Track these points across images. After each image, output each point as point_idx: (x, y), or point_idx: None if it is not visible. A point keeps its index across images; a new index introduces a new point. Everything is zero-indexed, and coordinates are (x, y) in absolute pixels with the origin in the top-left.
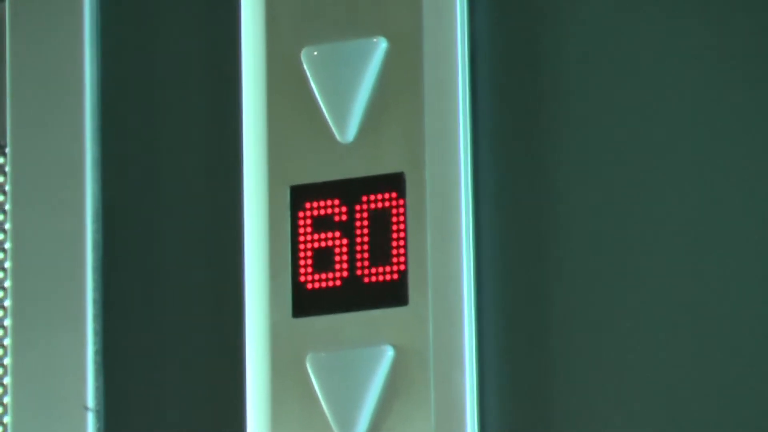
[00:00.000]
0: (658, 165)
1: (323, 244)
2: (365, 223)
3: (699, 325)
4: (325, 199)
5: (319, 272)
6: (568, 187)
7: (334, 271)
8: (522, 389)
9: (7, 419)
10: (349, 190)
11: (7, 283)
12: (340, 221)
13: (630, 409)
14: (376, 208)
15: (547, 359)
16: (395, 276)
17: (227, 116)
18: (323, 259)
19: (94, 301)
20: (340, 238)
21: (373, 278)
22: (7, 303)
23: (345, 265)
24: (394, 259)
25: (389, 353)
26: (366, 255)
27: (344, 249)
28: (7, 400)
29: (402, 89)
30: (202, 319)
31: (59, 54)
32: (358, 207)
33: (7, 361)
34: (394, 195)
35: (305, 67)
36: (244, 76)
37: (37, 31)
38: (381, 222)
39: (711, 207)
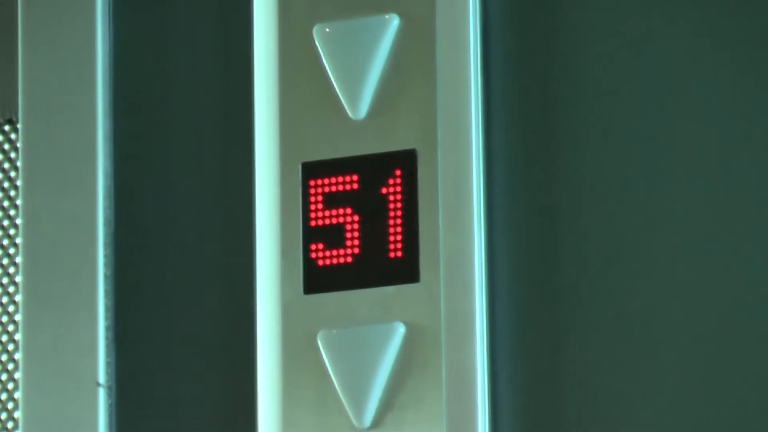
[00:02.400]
0: (676, 139)
1: (335, 220)
2: (377, 200)
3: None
4: (336, 176)
5: (331, 249)
6: (582, 165)
7: (345, 247)
8: (534, 366)
9: (18, 395)
10: (361, 166)
11: (19, 259)
12: (352, 198)
13: (645, 388)
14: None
15: (558, 335)
16: (407, 253)
17: (240, 93)
18: (335, 236)
19: (106, 277)
20: (351, 215)
21: (385, 255)
22: (19, 279)
23: (356, 242)
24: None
25: (401, 330)
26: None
27: (356, 226)
28: (18, 375)
29: (414, 66)
30: (213, 295)
31: (72, 29)
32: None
33: (18, 336)
34: (406, 172)
35: (317, 43)
36: (257, 53)
37: (50, 6)
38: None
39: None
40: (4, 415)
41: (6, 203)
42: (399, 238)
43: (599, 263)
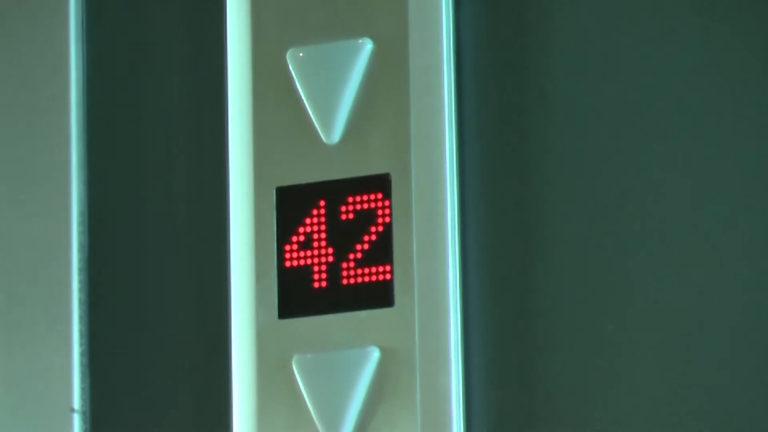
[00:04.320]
0: (646, 163)
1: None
2: (351, 224)
3: (684, 320)
4: (311, 200)
5: (306, 273)
6: (555, 188)
7: (320, 272)
8: (508, 391)
9: None
10: (335, 191)
11: None
12: (327, 222)
13: (617, 412)
14: (362, 210)
15: (533, 361)
16: (381, 277)
17: (213, 118)
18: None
19: (80, 302)
20: (326, 240)
21: (359, 279)
22: None
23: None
24: (380, 261)
25: (375, 354)
26: (352, 256)
27: (330, 250)
28: None
29: (388, 90)
30: (188, 320)
31: (44, 53)
32: (343, 208)
33: None
34: (380, 196)
35: (291, 68)
36: (230, 78)
37: (21, 29)
38: (367, 223)
39: (698, 207)
40: None
41: None
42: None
43: (575, 286)
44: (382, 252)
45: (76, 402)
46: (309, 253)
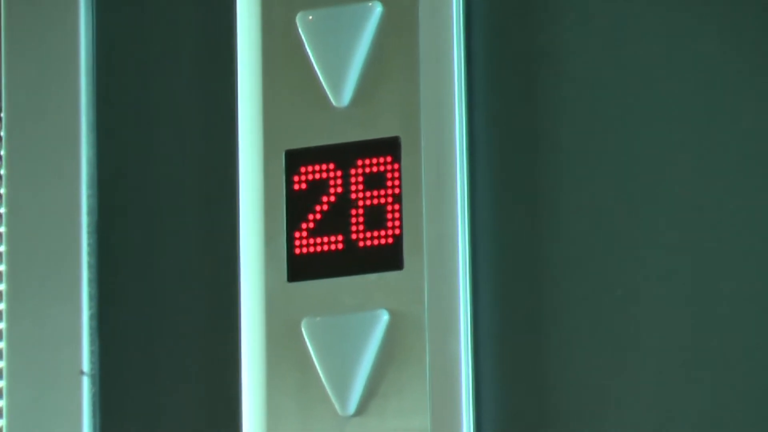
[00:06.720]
0: (660, 132)
1: (318, 208)
2: (360, 187)
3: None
4: (320, 164)
5: (315, 237)
6: (566, 153)
7: (329, 235)
8: (516, 353)
9: (2, 384)
10: (345, 154)
11: (2, 248)
12: (335, 185)
13: (624, 380)
14: (371, 173)
15: (541, 323)
16: (390, 240)
17: (223, 82)
18: (319, 224)
19: (90, 266)
20: (335, 203)
21: (368, 242)
22: (2, 268)
23: (340, 230)
24: (389, 224)
25: (384, 317)
26: (361, 219)
27: (339, 213)
28: (2, 365)
29: (397, 54)
30: (197, 283)
31: (55, 20)
32: (353, 171)
33: (2, 326)
34: (389, 159)
35: (300, 31)
36: (240, 41)
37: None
38: (376, 186)
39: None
40: None
41: None
42: (383, 225)
43: (583, 249)
44: (391, 215)
45: (86, 365)
46: (319, 216)
